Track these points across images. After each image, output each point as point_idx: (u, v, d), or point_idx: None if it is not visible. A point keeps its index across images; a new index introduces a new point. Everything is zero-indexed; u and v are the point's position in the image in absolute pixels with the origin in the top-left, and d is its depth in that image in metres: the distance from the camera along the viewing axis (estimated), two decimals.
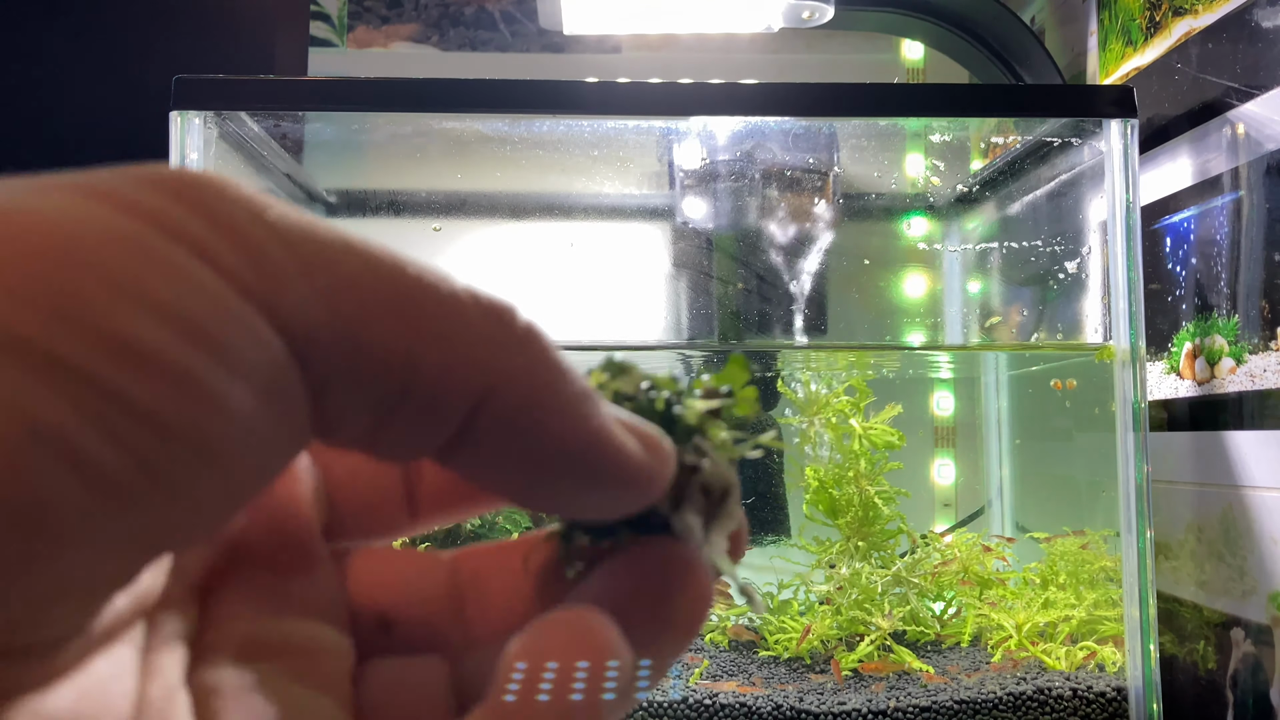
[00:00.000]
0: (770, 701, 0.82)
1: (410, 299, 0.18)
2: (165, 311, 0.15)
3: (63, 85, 1.06)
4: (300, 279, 0.16)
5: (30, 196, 0.15)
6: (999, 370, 1.24)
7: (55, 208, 0.15)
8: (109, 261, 0.15)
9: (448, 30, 1.34)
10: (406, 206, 1.12)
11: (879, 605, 0.93)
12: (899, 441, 0.98)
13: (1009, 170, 1.06)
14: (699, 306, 1.06)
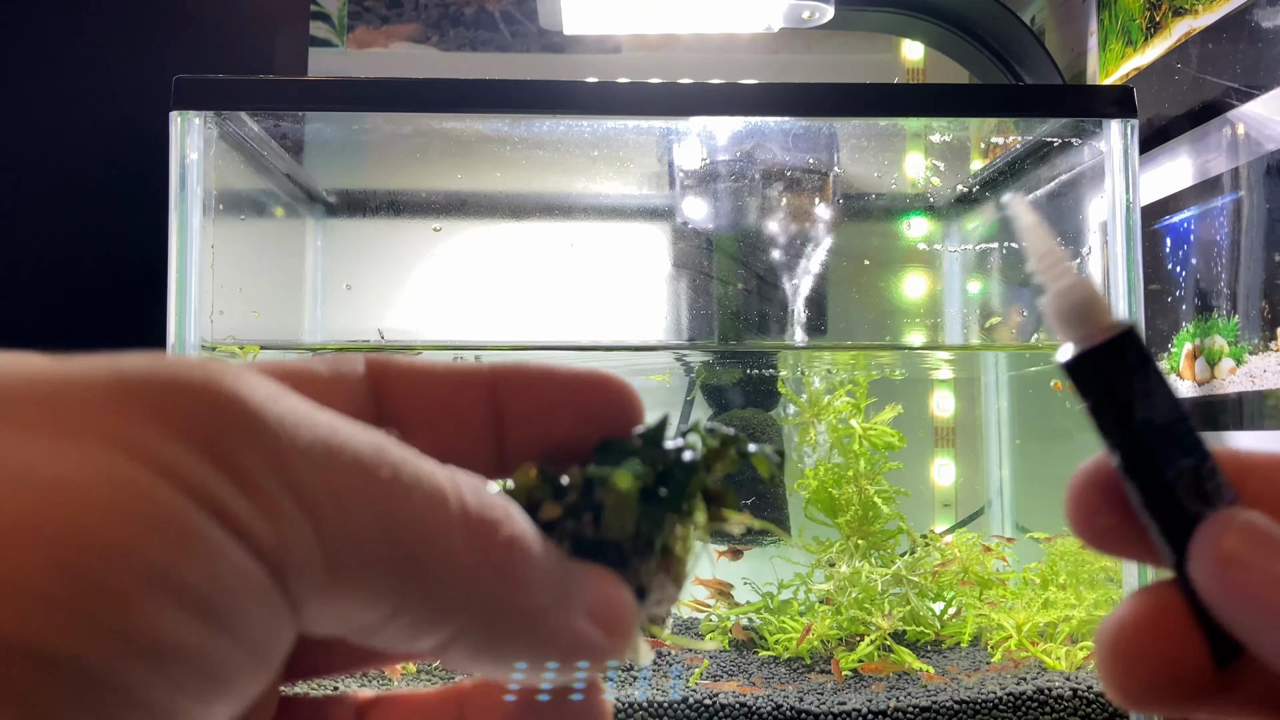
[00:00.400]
0: (770, 701, 0.82)
1: (405, 544, 0.18)
2: (195, 604, 0.16)
3: (62, 85, 1.06)
4: (308, 532, 0.17)
5: (45, 450, 0.16)
6: (999, 370, 1.24)
7: (75, 476, 0.15)
8: (137, 551, 0.15)
9: (448, 30, 1.34)
10: (406, 206, 1.12)
11: (879, 605, 0.93)
12: (899, 442, 0.98)
13: (1009, 170, 1.06)
14: (699, 307, 1.06)
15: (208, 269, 0.86)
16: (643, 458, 0.23)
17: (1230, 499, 0.23)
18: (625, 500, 0.22)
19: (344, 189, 1.15)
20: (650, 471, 0.23)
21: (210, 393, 0.17)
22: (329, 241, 1.17)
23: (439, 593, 0.19)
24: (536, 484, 0.23)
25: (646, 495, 0.23)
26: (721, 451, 0.24)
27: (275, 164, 1.03)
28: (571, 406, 0.24)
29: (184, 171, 0.85)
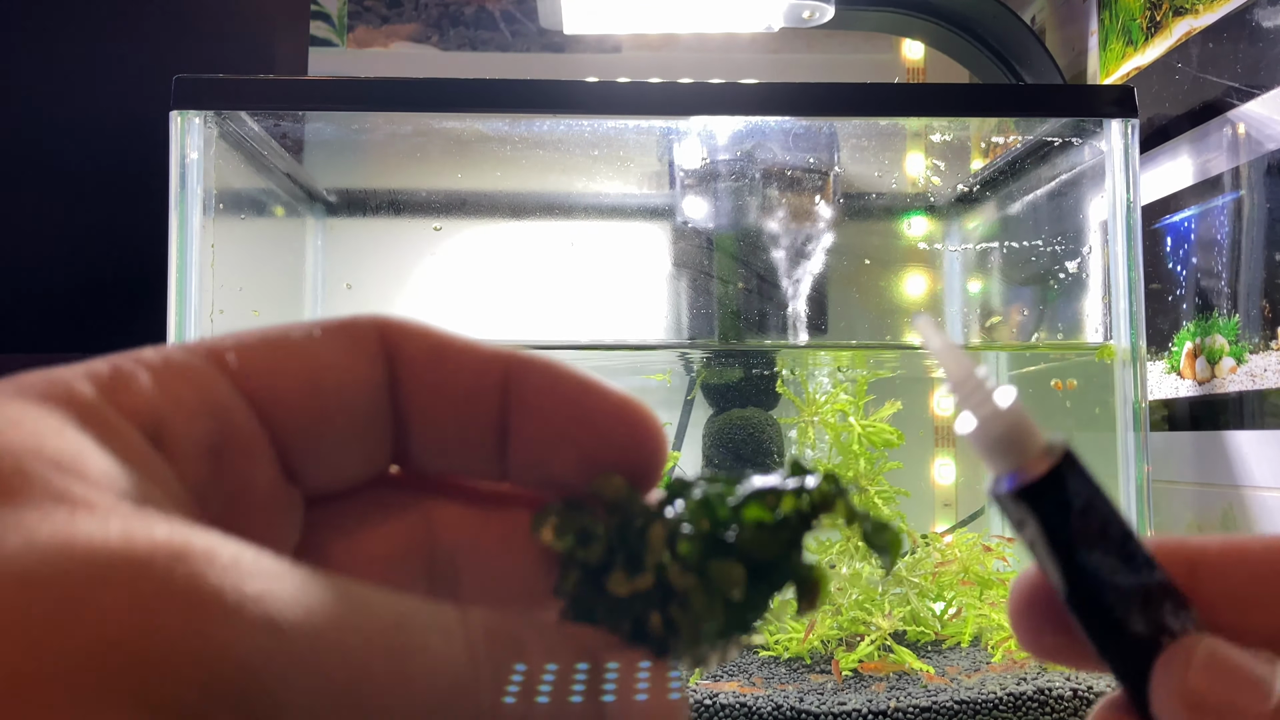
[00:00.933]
0: (770, 701, 0.82)
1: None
2: None
3: (62, 84, 1.06)
4: None
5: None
6: (999, 370, 1.24)
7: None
8: None
9: (448, 30, 1.34)
10: (406, 206, 1.12)
11: (879, 605, 0.93)
12: (898, 440, 0.98)
13: (1009, 170, 1.06)
14: (699, 306, 1.06)
15: (208, 268, 0.86)
16: (752, 514, 0.19)
17: (1186, 619, 0.22)
18: (734, 577, 0.19)
19: (344, 188, 1.15)
20: (765, 535, 0.19)
21: (187, 654, 0.15)
22: (329, 241, 1.17)
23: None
24: (598, 537, 0.20)
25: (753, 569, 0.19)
26: (828, 508, 0.20)
27: (275, 163, 1.03)
28: (587, 428, 0.21)
29: (184, 171, 0.85)
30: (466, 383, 0.21)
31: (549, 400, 0.21)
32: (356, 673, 0.16)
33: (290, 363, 0.20)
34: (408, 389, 0.21)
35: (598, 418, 0.21)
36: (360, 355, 0.20)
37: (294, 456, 0.20)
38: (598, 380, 0.21)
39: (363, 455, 0.21)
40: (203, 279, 0.85)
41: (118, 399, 0.18)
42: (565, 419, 0.21)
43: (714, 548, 0.19)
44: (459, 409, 0.21)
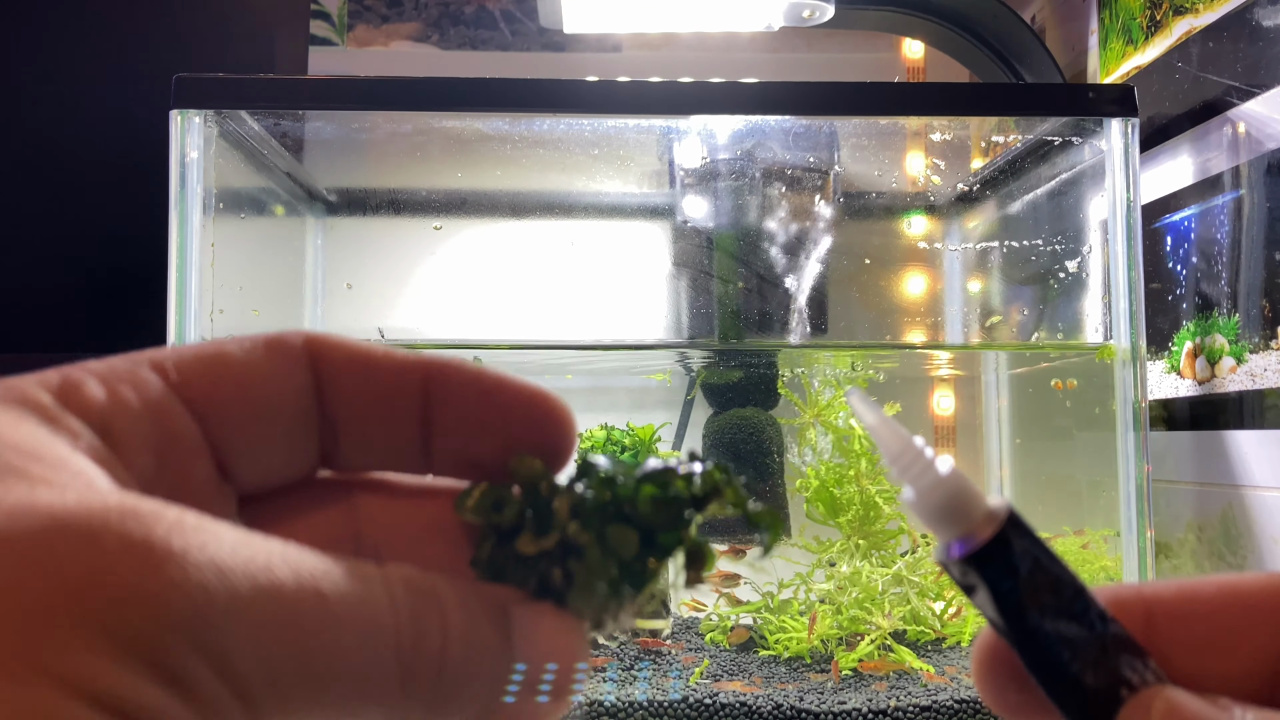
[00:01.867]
0: (770, 701, 0.82)
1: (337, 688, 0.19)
2: None
3: (62, 84, 1.06)
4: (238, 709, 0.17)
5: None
6: (999, 369, 1.24)
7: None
8: None
9: (448, 29, 1.34)
10: (407, 205, 1.12)
11: (879, 605, 0.93)
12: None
13: (1009, 169, 1.06)
14: (699, 306, 1.06)
15: (208, 267, 0.86)
16: (643, 493, 0.22)
17: (1144, 670, 0.22)
18: (628, 540, 0.21)
19: (344, 187, 1.15)
20: (657, 508, 0.22)
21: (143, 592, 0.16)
22: (329, 240, 1.17)
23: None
24: (512, 504, 0.22)
25: (645, 536, 0.22)
26: (718, 494, 0.23)
27: (275, 162, 1.03)
28: (504, 417, 0.23)
29: (184, 170, 0.85)
30: (388, 383, 0.23)
31: (469, 393, 0.23)
32: (290, 612, 0.18)
33: (223, 370, 0.22)
34: (333, 393, 0.23)
35: (514, 406, 0.23)
36: (287, 364, 0.22)
37: (227, 455, 0.22)
38: (512, 376, 0.24)
39: (291, 454, 0.23)
40: (203, 278, 0.85)
41: (69, 401, 0.20)
42: (484, 409, 0.23)
43: (612, 516, 0.22)
44: (382, 407, 0.23)
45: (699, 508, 0.22)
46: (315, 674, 0.18)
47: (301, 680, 0.18)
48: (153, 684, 0.16)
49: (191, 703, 0.17)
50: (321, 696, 0.18)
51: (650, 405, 1.11)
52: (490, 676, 0.20)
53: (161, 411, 0.21)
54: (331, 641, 0.18)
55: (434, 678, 0.19)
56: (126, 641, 0.16)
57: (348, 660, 0.18)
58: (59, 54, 1.06)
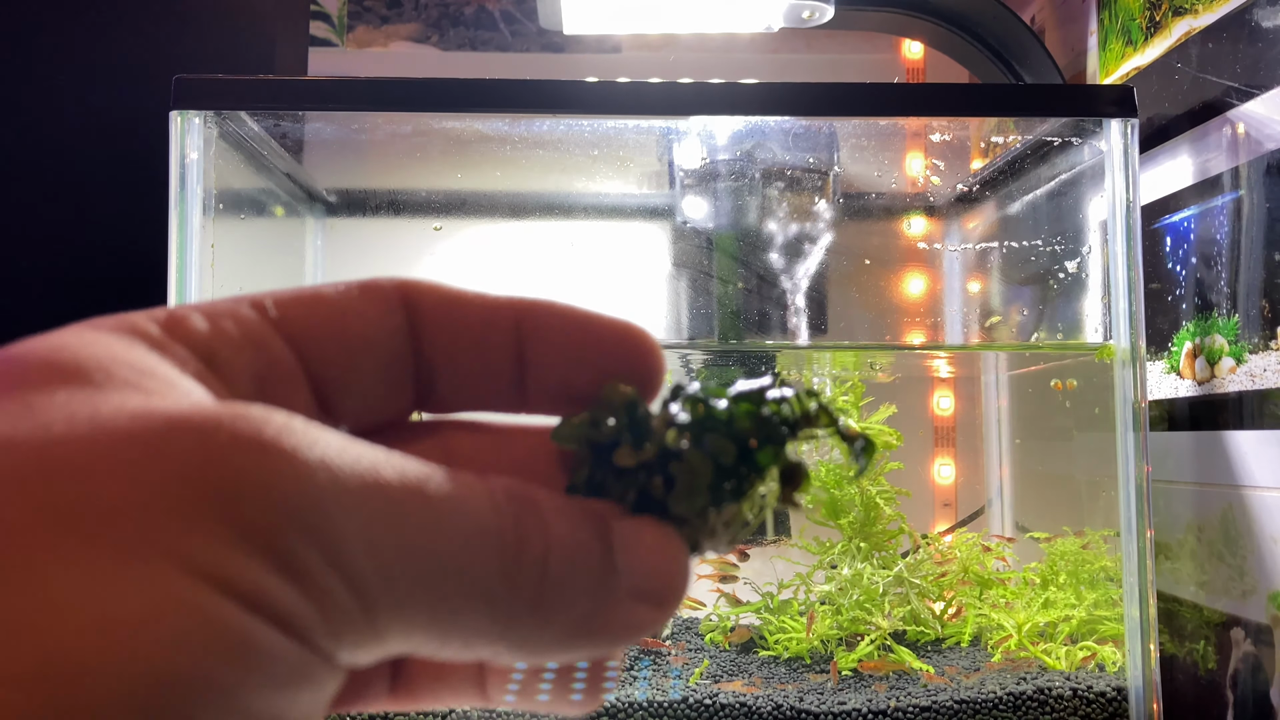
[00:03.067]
0: (770, 701, 0.82)
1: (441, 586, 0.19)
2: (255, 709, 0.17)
3: (61, 84, 1.06)
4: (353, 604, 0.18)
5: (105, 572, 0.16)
6: (999, 370, 1.24)
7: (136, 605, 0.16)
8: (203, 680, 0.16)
9: (447, 30, 1.34)
10: (406, 206, 1.12)
11: (879, 606, 0.93)
12: (896, 441, 0.98)
13: (1009, 170, 1.06)
14: (699, 306, 1.06)
15: (207, 268, 0.86)
16: (739, 409, 0.22)
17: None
18: (726, 448, 0.22)
19: (344, 188, 1.15)
20: (749, 426, 0.22)
21: (258, 481, 0.17)
22: (329, 241, 1.17)
23: (481, 626, 0.19)
24: (613, 420, 0.23)
25: (741, 453, 0.22)
26: (814, 420, 0.23)
27: (275, 163, 1.03)
28: (595, 350, 0.24)
29: (184, 171, 0.85)
30: (480, 324, 0.24)
31: (561, 330, 0.24)
32: (397, 509, 0.18)
33: (320, 308, 0.23)
34: (427, 334, 0.24)
35: (605, 339, 0.24)
36: (381, 305, 0.23)
37: (326, 389, 0.23)
38: (598, 311, 0.24)
39: (387, 393, 0.24)
40: (202, 279, 0.85)
41: (175, 331, 0.21)
42: (576, 345, 0.24)
43: (708, 430, 0.22)
44: (476, 346, 0.24)
45: (794, 430, 0.23)
46: (424, 571, 0.18)
47: (411, 576, 0.18)
48: (270, 571, 0.17)
49: (307, 592, 0.17)
50: (432, 594, 0.18)
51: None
52: (592, 583, 0.21)
53: (261, 343, 0.22)
54: (438, 540, 0.19)
55: (537, 581, 0.20)
56: (244, 528, 0.17)
57: (455, 560, 0.19)
58: (57, 54, 1.06)
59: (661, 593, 0.21)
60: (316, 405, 0.23)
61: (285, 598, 0.17)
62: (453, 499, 0.19)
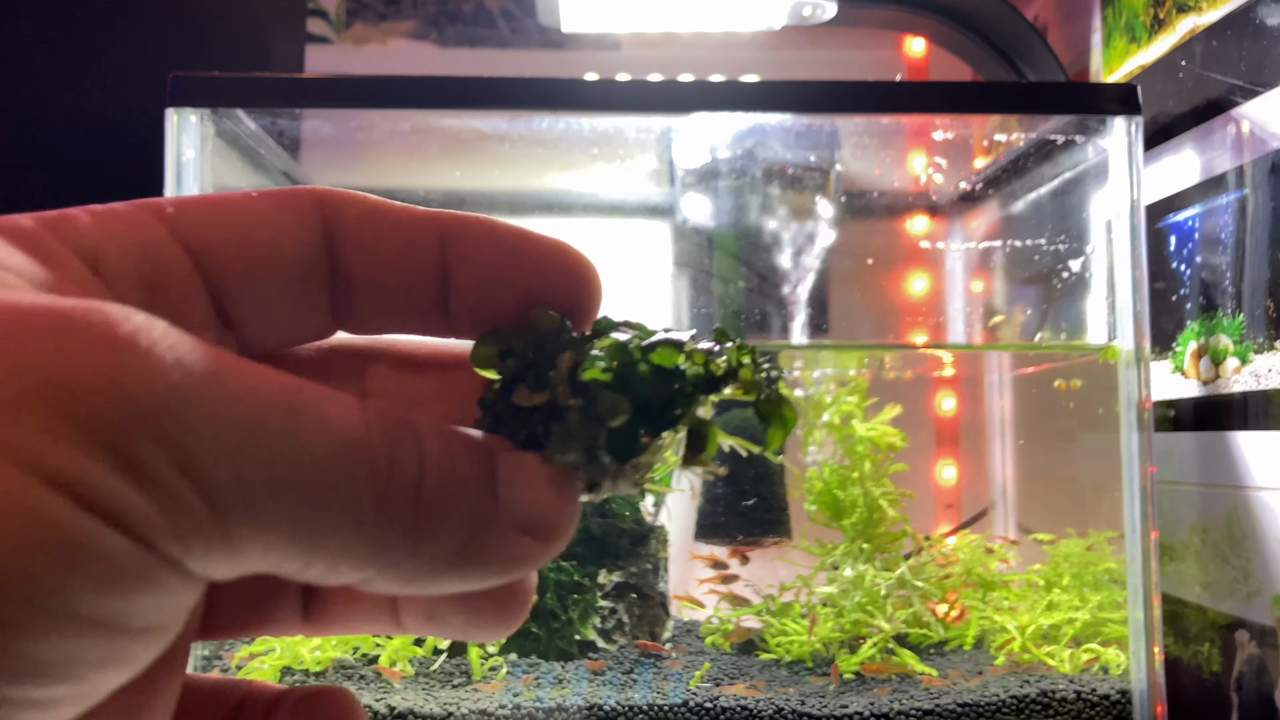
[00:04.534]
0: (771, 704, 0.82)
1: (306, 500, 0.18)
2: (88, 613, 0.16)
3: (57, 82, 1.05)
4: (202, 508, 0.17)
5: None
6: (1002, 370, 1.23)
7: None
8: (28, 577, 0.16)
9: (446, 27, 1.33)
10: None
11: (881, 608, 0.92)
12: (900, 442, 0.98)
13: (1012, 168, 1.05)
14: (699, 305, 1.06)
15: None
16: (653, 358, 0.21)
17: None
18: (617, 407, 0.21)
19: (342, 186, 1.15)
20: (657, 381, 0.21)
21: (104, 377, 0.16)
22: None
23: (348, 546, 0.18)
24: (516, 355, 0.22)
25: (640, 407, 0.21)
26: (732, 377, 0.22)
27: (272, 162, 1.02)
28: (524, 270, 0.23)
29: (180, 170, 0.84)
30: (404, 238, 0.22)
31: (487, 248, 0.23)
32: (254, 416, 0.17)
33: (224, 215, 0.21)
34: (347, 249, 0.22)
35: (534, 260, 0.23)
36: (294, 215, 0.22)
37: (228, 303, 0.22)
38: (529, 230, 0.23)
39: (299, 311, 0.23)
40: None
41: (58, 231, 0.20)
42: (504, 264, 0.23)
43: (611, 382, 0.21)
44: (398, 264, 0.22)
45: (710, 389, 0.22)
46: (283, 482, 0.17)
47: (269, 487, 0.17)
48: (110, 469, 0.16)
49: (153, 495, 0.16)
50: (293, 507, 0.18)
51: None
52: (470, 511, 0.20)
53: (154, 249, 0.21)
54: (301, 451, 0.18)
55: (410, 501, 0.19)
56: (87, 427, 0.16)
57: (319, 473, 0.18)
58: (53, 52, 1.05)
59: (544, 527, 0.21)
60: (218, 320, 0.22)
61: (125, 498, 0.16)
62: (320, 413, 0.18)
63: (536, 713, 0.81)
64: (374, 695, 0.82)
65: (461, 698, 0.82)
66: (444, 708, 0.80)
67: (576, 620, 0.91)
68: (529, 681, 0.85)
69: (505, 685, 0.85)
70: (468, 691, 0.84)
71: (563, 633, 0.91)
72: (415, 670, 0.87)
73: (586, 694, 0.82)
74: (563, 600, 0.91)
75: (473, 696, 0.82)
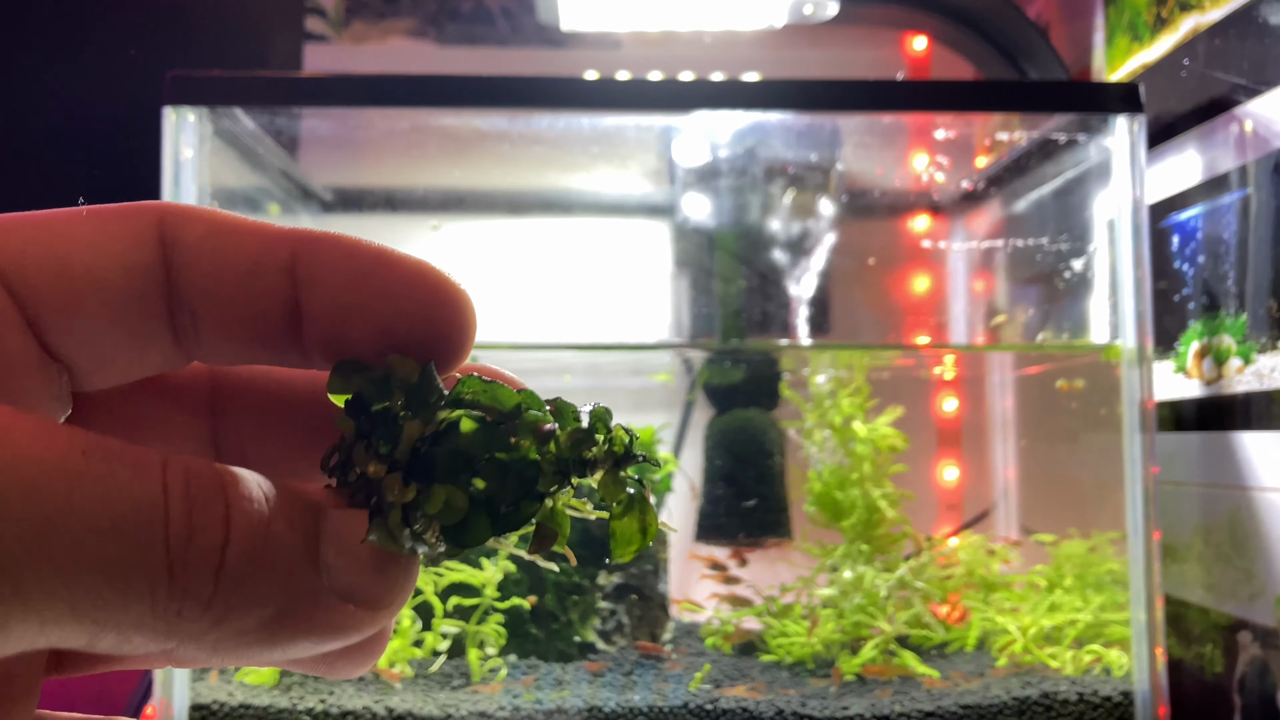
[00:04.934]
0: (772, 706, 0.81)
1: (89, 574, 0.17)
2: None
3: (55, 81, 1.05)
4: None
5: None
6: (1004, 370, 1.23)
7: None
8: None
9: (445, 25, 1.33)
10: (404, 204, 1.11)
11: (882, 610, 0.91)
12: (902, 444, 0.97)
13: (1014, 167, 1.05)
14: (700, 305, 1.05)
15: None
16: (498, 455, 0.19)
17: None
18: (453, 503, 0.19)
19: (340, 186, 1.14)
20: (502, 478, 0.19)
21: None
22: None
23: (141, 622, 0.17)
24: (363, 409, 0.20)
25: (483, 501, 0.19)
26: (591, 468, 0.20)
27: (270, 160, 1.02)
28: (383, 298, 0.20)
29: (178, 168, 0.83)
30: (249, 260, 0.20)
31: (340, 271, 0.20)
32: (23, 484, 0.16)
33: (42, 238, 0.19)
34: (188, 273, 0.20)
35: (394, 286, 0.20)
36: (124, 237, 0.20)
37: (49, 335, 0.19)
38: (393, 250, 0.20)
39: (134, 340, 0.20)
40: None
41: None
42: (360, 289, 0.20)
43: (453, 468, 0.19)
44: (243, 288, 0.20)
45: (565, 482, 0.20)
46: (58, 554, 0.16)
47: (39, 560, 0.16)
48: None
49: None
50: (70, 582, 0.16)
51: (650, 406, 1.10)
52: (283, 582, 0.18)
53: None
54: (79, 519, 0.16)
55: (211, 574, 0.17)
56: None
57: (101, 543, 0.16)
58: (51, 50, 1.04)
59: (372, 595, 0.19)
60: (41, 354, 0.20)
61: None
62: (106, 475, 0.17)
63: (536, 714, 0.80)
64: (373, 697, 0.81)
65: (461, 699, 0.82)
66: (443, 709, 0.80)
67: (576, 621, 0.91)
68: (528, 683, 0.85)
69: (504, 687, 0.84)
70: (467, 693, 0.83)
71: (562, 634, 0.91)
72: (415, 672, 0.87)
73: (586, 696, 0.82)
74: (562, 601, 0.91)
75: (472, 698, 0.82)
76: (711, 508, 1.01)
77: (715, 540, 1.01)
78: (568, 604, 0.91)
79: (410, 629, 0.88)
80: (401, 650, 0.87)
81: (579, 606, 0.91)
